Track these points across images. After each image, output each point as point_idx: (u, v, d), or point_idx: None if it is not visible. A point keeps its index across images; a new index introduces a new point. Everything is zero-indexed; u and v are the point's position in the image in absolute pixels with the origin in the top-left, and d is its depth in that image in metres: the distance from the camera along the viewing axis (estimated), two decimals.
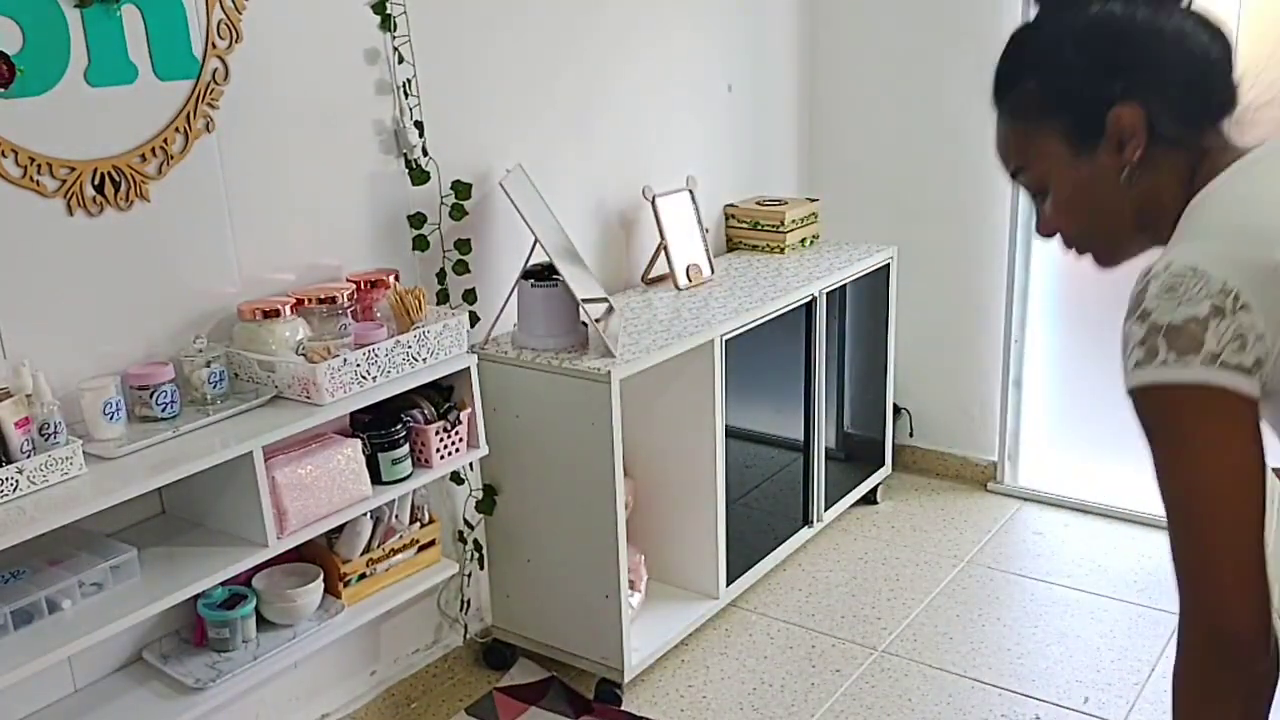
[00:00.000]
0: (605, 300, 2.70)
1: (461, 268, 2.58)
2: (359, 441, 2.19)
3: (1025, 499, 3.68)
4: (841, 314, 3.30)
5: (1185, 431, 1.06)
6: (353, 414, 2.21)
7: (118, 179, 1.96)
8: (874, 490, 3.66)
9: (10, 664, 1.69)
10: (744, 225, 3.50)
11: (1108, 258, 1.27)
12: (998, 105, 1.27)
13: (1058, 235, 1.26)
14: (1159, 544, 3.36)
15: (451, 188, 2.55)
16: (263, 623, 2.17)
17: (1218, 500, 1.06)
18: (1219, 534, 1.05)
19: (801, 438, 3.22)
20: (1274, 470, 1.32)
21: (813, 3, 3.73)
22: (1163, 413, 1.07)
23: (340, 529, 2.24)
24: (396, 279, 2.35)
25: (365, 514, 2.24)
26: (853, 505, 3.57)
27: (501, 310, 2.61)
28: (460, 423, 2.36)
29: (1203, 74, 1.17)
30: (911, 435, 3.91)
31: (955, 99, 3.53)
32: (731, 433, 2.87)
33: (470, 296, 2.63)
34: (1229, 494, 1.06)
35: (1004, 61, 1.27)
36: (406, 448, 2.26)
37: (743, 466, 2.99)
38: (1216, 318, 1.04)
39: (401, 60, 2.40)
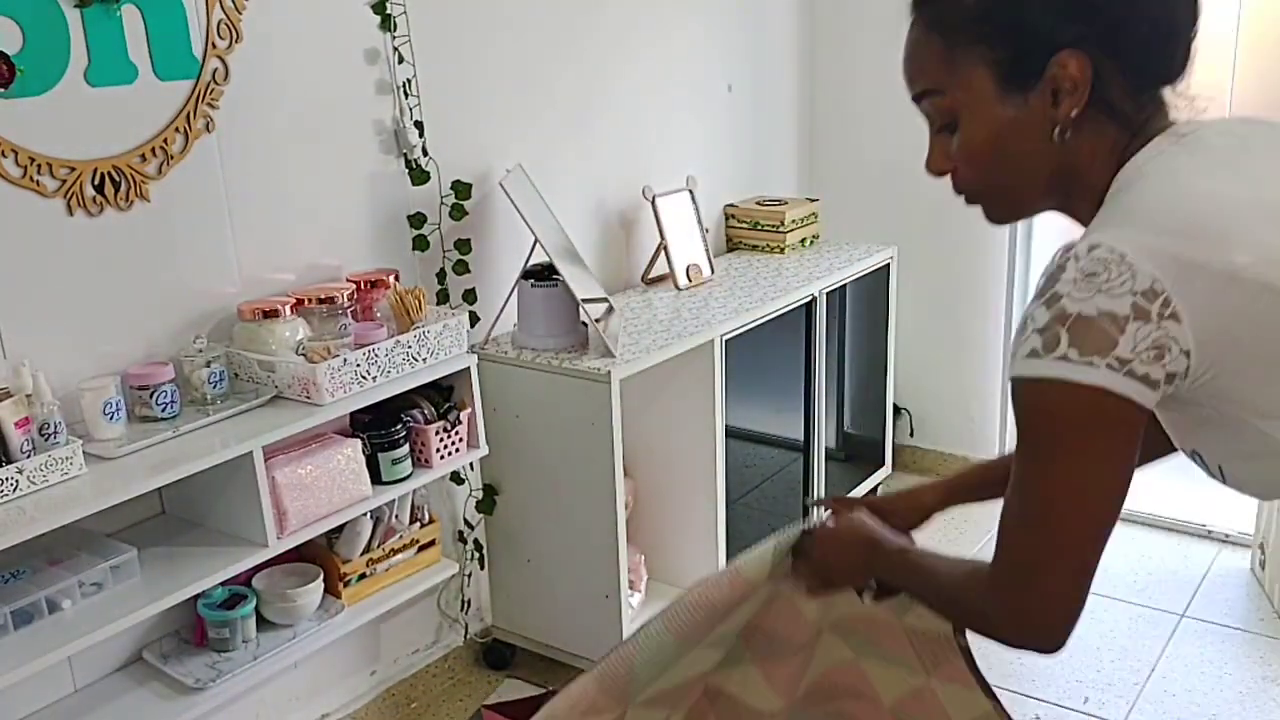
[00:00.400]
0: (605, 300, 2.70)
1: (461, 268, 2.58)
2: (359, 441, 2.19)
3: None
4: (841, 314, 3.30)
5: (1070, 438, 0.96)
6: (353, 414, 2.21)
7: (118, 179, 1.96)
8: (874, 490, 3.66)
9: (10, 664, 1.69)
10: (744, 225, 3.50)
11: (1002, 214, 1.13)
12: (918, 9, 1.08)
13: (948, 176, 1.10)
14: (1159, 544, 3.36)
15: (451, 188, 2.55)
16: (263, 623, 2.17)
17: (1086, 515, 0.98)
18: (1078, 550, 0.98)
19: (801, 438, 3.22)
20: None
21: (813, 3, 3.73)
22: (1049, 412, 0.96)
23: (340, 529, 2.24)
24: (396, 279, 2.35)
25: (365, 514, 2.24)
26: None
27: (501, 310, 2.61)
28: (460, 423, 2.36)
29: (1165, 40, 1.03)
30: (911, 435, 3.91)
31: None
32: (731, 433, 2.87)
33: (470, 296, 2.63)
34: (1099, 510, 0.98)
35: None
36: (406, 448, 2.26)
37: (743, 466, 2.99)
38: (1138, 320, 0.91)
39: (401, 60, 2.40)
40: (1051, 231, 3.51)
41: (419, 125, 2.46)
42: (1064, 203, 1.08)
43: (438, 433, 2.31)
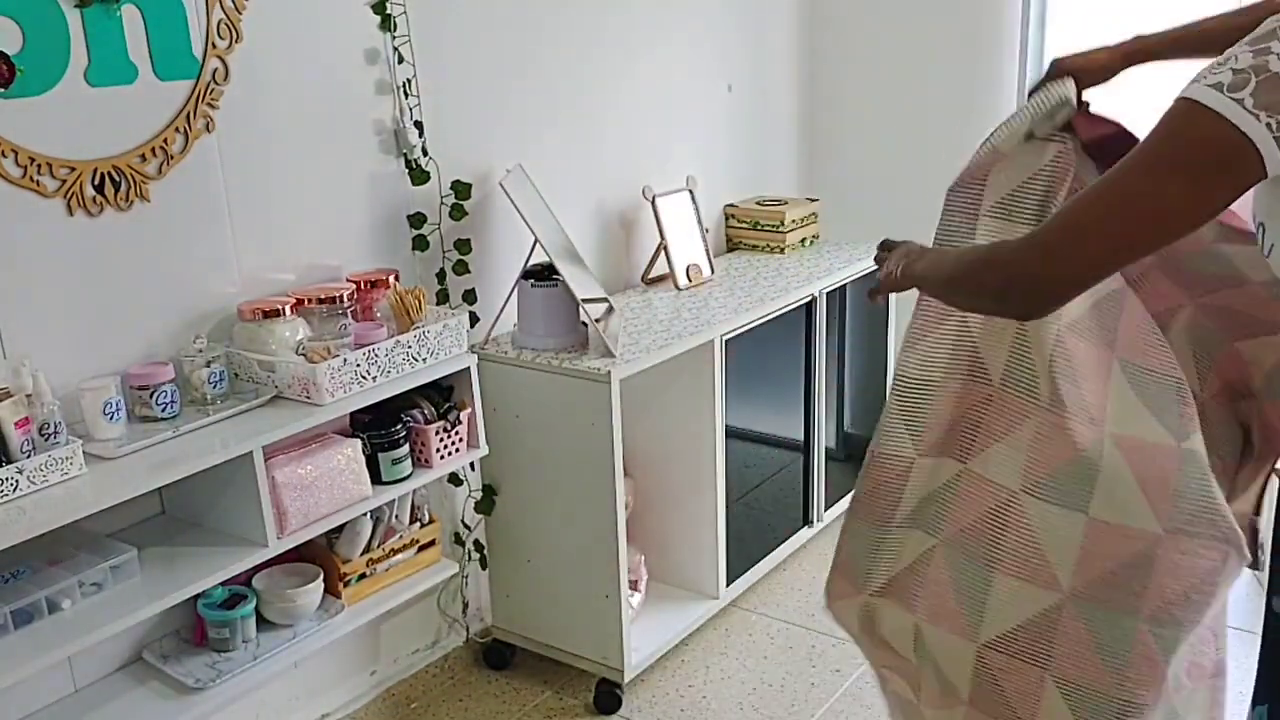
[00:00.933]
0: (605, 300, 2.70)
1: (461, 268, 2.58)
2: (359, 441, 2.19)
3: None
4: (841, 314, 3.30)
5: (1191, 165, 1.06)
6: (353, 414, 2.21)
7: (118, 179, 1.96)
8: None
9: (10, 664, 1.69)
10: (744, 225, 3.50)
11: None
12: None
13: None
14: None
15: (451, 188, 2.55)
16: (263, 623, 2.17)
17: (1152, 227, 1.10)
18: (1118, 251, 1.13)
19: (801, 438, 3.22)
20: (1277, 472, 1.36)
21: (813, 3, 3.73)
22: (1191, 137, 1.06)
23: (340, 529, 2.24)
24: (396, 279, 2.35)
25: (365, 514, 2.24)
26: None
27: (501, 310, 2.61)
28: (460, 423, 2.36)
29: None
30: None
31: (955, 99, 3.53)
32: (731, 433, 2.87)
33: (470, 296, 2.63)
34: (1159, 231, 1.11)
35: None
36: (406, 448, 2.26)
37: (743, 466, 2.99)
38: None
39: (401, 60, 2.40)
40: None
41: (419, 125, 2.46)
42: None
43: (438, 433, 2.31)
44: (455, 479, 2.65)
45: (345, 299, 2.23)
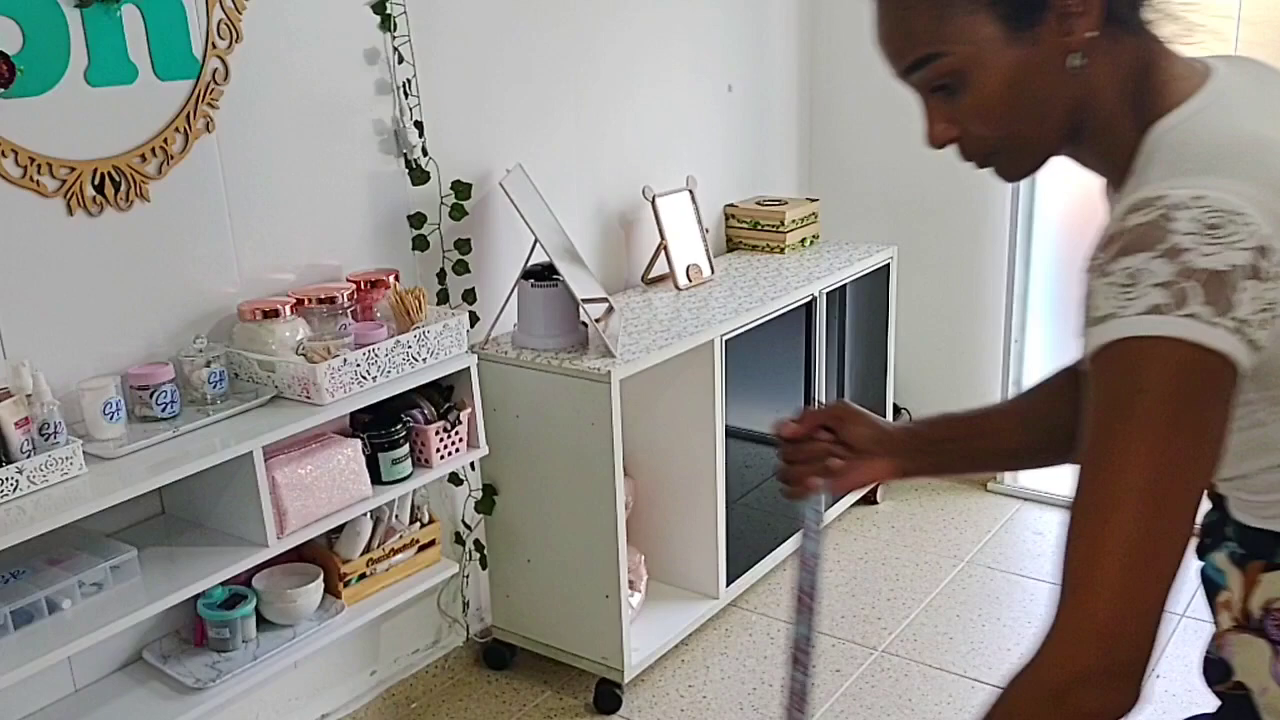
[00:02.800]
0: (605, 300, 2.70)
1: (461, 268, 2.58)
2: (359, 441, 2.19)
3: (1025, 499, 3.68)
4: (841, 314, 3.30)
5: (1191, 407, 0.84)
6: (353, 414, 2.21)
7: (118, 179, 1.96)
8: (874, 490, 3.66)
9: (10, 664, 1.69)
10: (744, 225, 3.50)
11: (1021, 167, 1.02)
12: None
13: (955, 143, 1.02)
14: None
15: (451, 188, 2.55)
16: (263, 623, 2.17)
17: (1191, 498, 0.85)
18: (1179, 539, 0.86)
19: None
20: None
21: (813, 3, 3.73)
22: (1170, 376, 0.83)
23: (340, 529, 2.24)
24: (396, 279, 2.35)
25: (365, 514, 2.24)
26: (853, 505, 3.57)
27: (501, 310, 2.61)
28: (460, 423, 2.36)
29: None
30: None
31: None
32: (731, 433, 2.87)
33: (470, 296, 2.63)
34: (1197, 493, 0.86)
35: None
36: (406, 448, 2.26)
37: (743, 466, 2.99)
38: (1253, 279, 0.83)
39: (401, 60, 2.40)
40: (1052, 233, 3.51)
41: (419, 125, 2.46)
42: (1077, 148, 1.01)
43: (438, 433, 2.31)
44: (455, 479, 2.65)
45: (345, 299, 2.23)
